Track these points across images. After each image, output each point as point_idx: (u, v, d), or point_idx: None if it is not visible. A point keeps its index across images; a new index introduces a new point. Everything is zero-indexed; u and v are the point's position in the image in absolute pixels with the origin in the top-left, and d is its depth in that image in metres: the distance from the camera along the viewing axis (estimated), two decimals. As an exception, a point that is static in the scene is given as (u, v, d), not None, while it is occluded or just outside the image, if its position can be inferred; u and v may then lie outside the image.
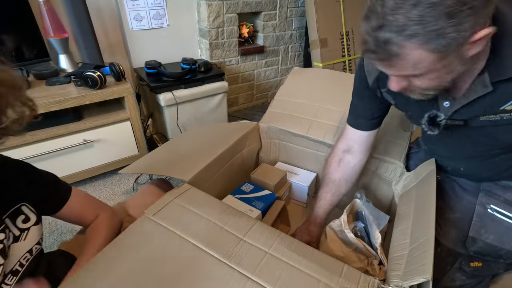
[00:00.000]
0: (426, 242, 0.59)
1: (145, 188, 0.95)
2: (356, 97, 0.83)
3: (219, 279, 0.55)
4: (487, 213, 0.72)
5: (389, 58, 0.50)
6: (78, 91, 1.32)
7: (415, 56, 0.48)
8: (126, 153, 1.56)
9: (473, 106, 0.60)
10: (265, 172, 1.11)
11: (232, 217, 0.69)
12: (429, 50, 0.47)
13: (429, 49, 0.46)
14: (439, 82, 0.54)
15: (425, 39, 0.45)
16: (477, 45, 0.48)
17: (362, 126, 0.84)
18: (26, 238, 0.61)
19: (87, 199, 0.75)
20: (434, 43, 0.45)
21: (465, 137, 0.70)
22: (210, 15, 1.77)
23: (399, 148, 1.00)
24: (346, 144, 0.88)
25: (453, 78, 0.54)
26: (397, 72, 0.54)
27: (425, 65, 0.49)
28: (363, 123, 0.83)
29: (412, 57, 0.48)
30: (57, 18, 1.38)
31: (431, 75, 0.52)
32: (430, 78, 0.53)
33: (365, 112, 0.81)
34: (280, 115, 1.18)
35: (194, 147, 1.03)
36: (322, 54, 2.04)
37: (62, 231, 1.28)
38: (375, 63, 0.54)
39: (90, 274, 0.57)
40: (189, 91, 1.63)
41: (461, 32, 0.44)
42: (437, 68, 0.50)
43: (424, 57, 0.48)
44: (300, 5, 2.17)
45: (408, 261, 0.59)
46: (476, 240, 0.73)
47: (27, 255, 0.61)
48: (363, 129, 0.84)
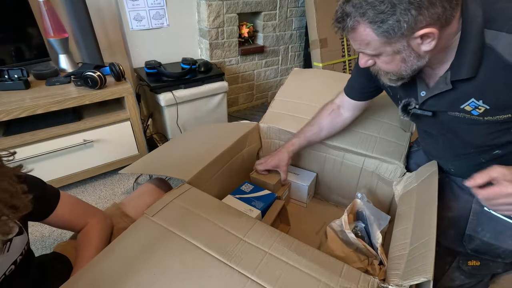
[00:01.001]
0: (427, 242, 0.59)
1: (142, 187, 0.94)
2: (355, 70, 0.91)
3: (219, 279, 0.55)
4: (483, 211, 0.73)
5: (348, 30, 0.58)
6: (78, 91, 1.32)
7: (365, 33, 0.56)
8: (126, 153, 1.56)
9: (440, 100, 0.67)
10: None
11: (232, 217, 0.69)
12: (374, 31, 0.55)
13: (374, 30, 0.55)
14: (397, 68, 0.62)
15: (370, 19, 0.54)
16: (426, 42, 0.55)
17: (352, 95, 0.93)
18: (10, 250, 0.56)
19: (77, 203, 0.73)
20: (377, 25, 0.54)
21: (438, 132, 0.77)
22: (210, 15, 1.77)
23: (399, 148, 1.00)
24: (340, 101, 0.99)
25: (412, 70, 0.61)
26: (357, 46, 0.62)
27: (375, 45, 0.58)
28: (353, 93, 0.93)
29: (363, 34, 0.57)
30: (57, 18, 1.38)
31: (385, 58, 0.61)
32: (386, 62, 0.62)
33: (359, 85, 0.90)
34: (280, 115, 1.18)
35: (194, 147, 1.03)
36: (322, 54, 2.04)
37: (62, 231, 1.28)
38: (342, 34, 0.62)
39: (90, 274, 0.57)
40: (189, 91, 1.63)
41: (400, 22, 0.52)
42: (387, 53, 0.59)
43: (371, 37, 0.56)
44: (300, 5, 2.17)
45: (408, 260, 0.59)
46: (473, 238, 0.74)
47: (12, 267, 0.57)
48: (352, 98, 0.94)
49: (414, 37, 0.54)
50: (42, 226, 1.29)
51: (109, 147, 1.49)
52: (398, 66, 0.61)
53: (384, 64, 0.63)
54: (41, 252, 1.04)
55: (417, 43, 0.56)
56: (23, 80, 1.29)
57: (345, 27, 0.58)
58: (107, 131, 1.44)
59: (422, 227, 0.66)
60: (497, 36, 0.54)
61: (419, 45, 0.56)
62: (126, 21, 1.64)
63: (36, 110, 1.21)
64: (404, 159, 0.97)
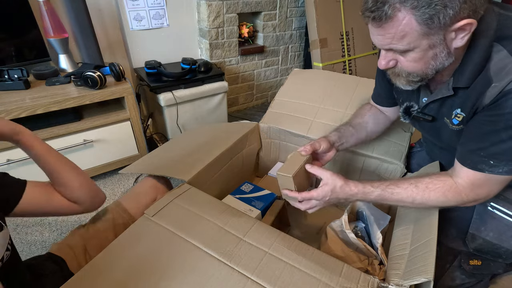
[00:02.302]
0: (428, 243, 0.59)
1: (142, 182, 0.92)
2: (377, 77, 0.89)
3: (219, 279, 0.55)
4: (487, 210, 0.73)
5: (382, 18, 0.53)
6: (78, 91, 1.32)
7: (404, 22, 0.52)
8: (126, 153, 1.56)
9: (441, 106, 0.68)
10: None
11: (232, 217, 0.69)
12: (417, 18, 0.51)
13: (417, 17, 0.51)
14: (425, 66, 0.59)
15: (414, 4, 0.50)
16: (460, 36, 0.53)
17: (381, 102, 0.92)
18: None
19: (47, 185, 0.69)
20: (422, 10, 0.50)
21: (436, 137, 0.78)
22: (210, 15, 1.77)
23: (399, 148, 1.00)
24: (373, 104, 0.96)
25: (437, 69, 0.59)
26: (387, 41, 0.56)
27: (412, 38, 0.54)
28: (381, 100, 0.91)
29: (402, 23, 0.52)
30: (57, 18, 1.38)
31: (416, 55, 0.57)
32: (415, 59, 0.58)
33: (385, 92, 0.88)
34: (280, 116, 1.18)
35: (194, 147, 1.03)
36: (322, 54, 2.04)
37: (62, 231, 1.28)
38: (371, 26, 0.57)
39: (90, 275, 0.57)
40: (189, 91, 1.63)
41: (447, 8, 0.49)
42: (422, 47, 0.55)
43: (411, 26, 0.52)
44: (300, 5, 2.17)
45: (409, 260, 0.59)
46: (476, 237, 0.74)
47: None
48: (381, 105, 0.92)
49: (452, 29, 0.52)
50: (42, 226, 1.29)
51: (109, 147, 1.49)
52: (427, 64, 0.58)
53: (411, 62, 0.59)
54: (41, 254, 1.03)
55: (451, 38, 0.54)
56: (23, 80, 1.29)
57: (381, 16, 0.53)
58: (107, 131, 1.44)
59: (423, 228, 0.66)
60: (499, 51, 0.55)
61: (452, 40, 0.54)
62: (126, 21, 1.64)
63: (36, 110, 1.21)
64: (404, 159, 0.97)
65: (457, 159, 0.65)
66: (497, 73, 0.55)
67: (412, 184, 0.65)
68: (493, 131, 0.57)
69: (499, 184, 0.62)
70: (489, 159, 0.58)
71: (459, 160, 0.64)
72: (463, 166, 0.62)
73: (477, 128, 0.61)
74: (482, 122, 0.59)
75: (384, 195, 0.67)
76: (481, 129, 0.59)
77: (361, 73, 2.24)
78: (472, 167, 0.61)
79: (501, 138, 0.56)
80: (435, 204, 0.66)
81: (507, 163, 0.57)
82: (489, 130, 0.58)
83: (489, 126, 0.58)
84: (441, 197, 0.64)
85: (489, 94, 0.56)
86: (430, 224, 0.65)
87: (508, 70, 0.53)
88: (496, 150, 0.57)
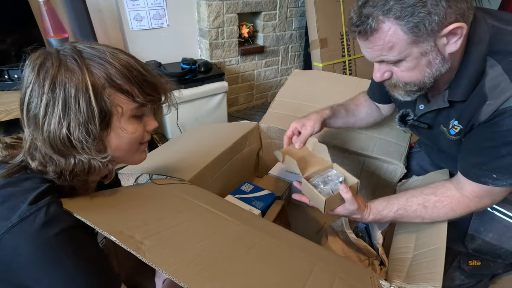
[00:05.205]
0: (436, 250, 0.59)
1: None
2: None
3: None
4: (486, 211, 0.73)
5: (367, 32, 0.54)
6: (78, 91, 1.32)
7: (390, 33, 0.52)
8: (126, 153, 1.56)
9: (438, 115, 0.68)
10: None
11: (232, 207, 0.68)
12: (402, 28, 0.51)
13: (402, 26, 0.51)
14: (421, 75, 0.58)
15: (397, 14, 0.50)
16: (452, 41, 0.53)
17: (375, 99, 0.92)
18: None
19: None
20: (406, 20, 0.50)
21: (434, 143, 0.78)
22: (210, 15, 1.77)
23: (399, 148, 1.00)
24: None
25: (434, 76, 0.58)
26: (377, 53, 0.56)
27: (401, 47, 0.53)
28: (375, 98, 0.92)
29: (388, 34, 0.52)
30: (57, 18, 1.38)
31: (409, 64, 0.56)
32: (409, 68, 0.57)
33: (378, 90, 0.88)
34: (280, 116, 1.18)
35: (194, 147, 1.03)
36: (322, 54, 2.04)
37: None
38: (359, 40, 0.58)
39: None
40: (189, 91, 1.63)
41: (432, 15, 0.49)
42: (413, 55, 0.54)
43: (398, 36, 0.52)
44: (300, 5, 2.17)
45: (412, 265, 0.59)
46: (475, 238, 0.74)
47: None
48: (376, 101, 0.93)
49: (442, 34, 0.52)
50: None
51: (109, 147, 1.48)
52: (423, 73, 0.57)
53: (406, 72, 0.58)
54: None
55: (443, 43, 0.53)
56: (23, 80, 1.29)
57: (366, 29, 0.53)
58: (107, 131, 1.44)
59: (430, 234, 0.65)
60: (493, 66, 0.55)
61: (445, 45, 0.54)
62: (126, 21, 1.64)
63: (36, 110, 1.21)
64: (404, 160, 0.97)
65: (460, 171, 0.64)
66: (492, 90, 0.55)
67: (420, 205, 0.66)
68: (492, 146, 0.57)
69: (504, 193, 0.62)
70: (491, 173, 0.58)
71: (463, 173, 0.63)
72: (467, 178, 0.62)
73: (476, 144, 0.61)
74: (480, 138, 0.59)
75: (396, 218, 0.69)
76: (480, 144, 0.59)
77: (361, 73, 2.25)
78: (475, 180, 0.61)
79: (501, 153, 0.56)
80: (444, 219, 0.67)
81: (510, 177, 0.57)
82: (489, 145, 0.58)
83: (487, 142, 0.58)
84: (450, 212, 0.65)
85: (484, 112, 0.56)
86: (439, 232, 0.65)
87: (503, 88, 0.53)
88: (498, 165, 0.57)
